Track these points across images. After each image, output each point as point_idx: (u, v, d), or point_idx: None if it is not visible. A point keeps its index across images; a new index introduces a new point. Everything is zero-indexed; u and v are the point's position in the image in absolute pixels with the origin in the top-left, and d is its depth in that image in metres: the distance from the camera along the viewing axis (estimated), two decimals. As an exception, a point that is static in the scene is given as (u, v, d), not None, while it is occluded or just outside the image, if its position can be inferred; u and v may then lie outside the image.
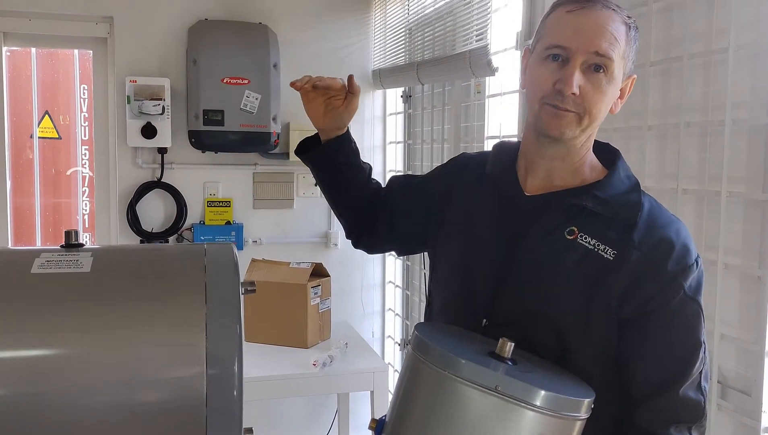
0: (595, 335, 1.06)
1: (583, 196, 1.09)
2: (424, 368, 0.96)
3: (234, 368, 0.98)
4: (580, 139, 1.10)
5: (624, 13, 1.09)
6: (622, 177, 1.12)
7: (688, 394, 1.03)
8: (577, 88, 1.04)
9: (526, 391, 0.88)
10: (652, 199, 1.11)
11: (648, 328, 1.04)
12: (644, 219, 1.06)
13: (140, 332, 0.97)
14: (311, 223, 3.36)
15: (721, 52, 1.38)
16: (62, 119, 3.38)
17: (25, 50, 3.22)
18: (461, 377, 0.90)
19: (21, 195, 3.29)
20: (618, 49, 1.05)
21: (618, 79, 1.08)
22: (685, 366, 1.03)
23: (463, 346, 1.00)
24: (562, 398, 0.90)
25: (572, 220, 1.08)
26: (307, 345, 2.70)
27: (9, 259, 1.06)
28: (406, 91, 3.28)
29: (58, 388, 0.92)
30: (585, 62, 1.05)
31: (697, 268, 1.05)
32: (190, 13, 3.07)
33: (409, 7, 2.93)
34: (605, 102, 1.08)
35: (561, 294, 1.06)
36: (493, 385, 0.88)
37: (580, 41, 1.04)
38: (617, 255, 1.04)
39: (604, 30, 1.05)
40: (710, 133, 1.43)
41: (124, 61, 3.05)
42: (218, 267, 1.06)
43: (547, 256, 1.08)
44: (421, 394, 0.98)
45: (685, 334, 1.04)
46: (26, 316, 0.94)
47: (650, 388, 1.04)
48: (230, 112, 2.97)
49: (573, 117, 1.07)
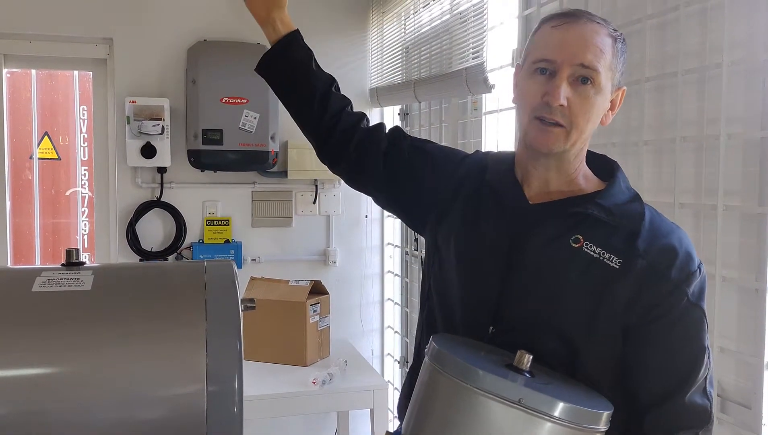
0: (602, 343, 1.06)
1: (586, 204, 1.09)
2: (443, 380, 0.96)
3: (234, 385, 0.98)
4: (571, 152, 1.12)
5: (610, 26, 1.10)
6: (623, 187, 1.14)
7: (694, 400, 1.04)
8: (564, 100, 1.06)
9: (549, 404, 0.89)
10: (653, 209, 1.12)
11: (653, 335, 1.04)
12: (647, 228, 1.07)
13: (141, 350, 0.98)
14: (310, 241, 3.37)
15: (715, 67, 1.40)
16: (62, 140, 3.39)
17: (25, 72, 3.24)
18: (482, 389, 0.90)
19: (20, 215, 3.30)
20: (604, 61, 1.07)
21: (606, 90, 1.09)
22: (691, 372, 1.04)
23: (480, 357, 1.00)
24: (583, 410, 0.91)
25: (577, 228, 1.09)
26: (307, 363, 2.69)
27: (10, 278, 1.06)
28: (403, 109, 3.30)
29: (59, 406, 0.92)
30: (572, 75, 1.06)
31: (700, 274, 1.06)
32: (189, 34, 3.10)
33: (406, 26, 2.96)
34: (593, 113, 1.09)
35: (567, 302, 1.07)
36: (516, 397, 0.88)
37: (566, 54, 1.06)
38: (622, 263, 1.04)
39: (589, 42, 1.07)
40: (706, 148, 1.44)
41: (123, 82, 3.07)
42: (218, 284, 1.07)
43: (552, 263, 1.09)
44: (439, 406, 0.97)
45: (690, 340, 1.05)
46: (27, 335, 0.95)
47: (657, 394, 1.05)
48: (229, 132, 2.99)
49: (560, 132, 1.08)
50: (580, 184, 1.15)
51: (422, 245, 3.03)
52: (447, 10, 2.55)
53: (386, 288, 3.48)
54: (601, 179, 1.17)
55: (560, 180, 1.15)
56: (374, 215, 3.48)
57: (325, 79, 1.42)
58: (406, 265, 3.32)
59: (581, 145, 1.13)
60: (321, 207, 3.36)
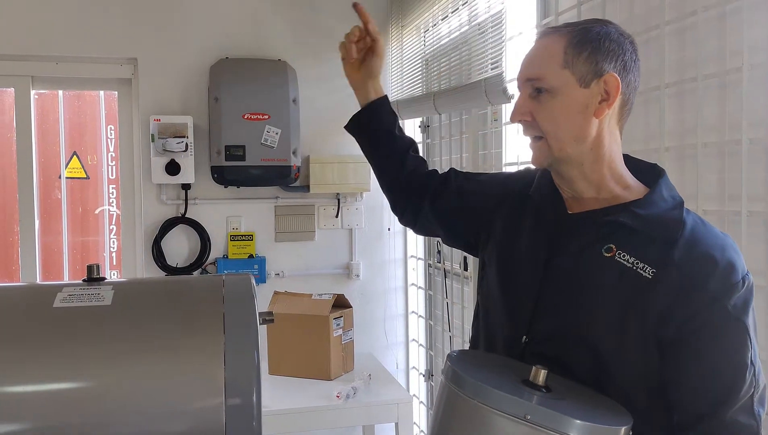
0: (633, 356, 1.03)
1: (621, 212, 1.08)
2: (456, 398, 0.97)
3: (253, 398, 0.98)
4: (572, 159, 1.11)
5: (568, 27, 1.12)
6: (665, 195, 1.10)
7: (737, 419, 0.99)
8: (522, 115, 1.12)
9: (557, 420, 0.88)
10: (697, 217, 1.09)
11: (690, 350, 1.00)
12: (686, 237, 1.03)
13: (160, 364, 0.98)
14: (333, 255, 3.37)
15: (735, 72, 1.38)
16: (90, 159, 3.45)
17: (53, 93, 3.31)
18: (492, 406, 0.91)
19: (49, 234, 3.36)
20: (552, 64, 1.09)
21: (565, 88, 1.08)
22: (732, 389, 0.99)
23: (496, 374, 1.00)
24: (594, 427, 0.89)
25: (610, 237, 1.07)
26: (331, 377, 2.69)
27: (32, 294, 1.08)
28: (424, 122, 3.30)
29: (79, 420, 0.93)
30: (529, 90, 1.12)
31: (743, 286, 1.00)
32: (211, 52, 3.14)
33: (425, 39, 2.97)
34: (557, 116, 1.09)
35: (597, 312, 1.05)
36: (522, 414, 0.89)
37: (520, 75, 1.14)
38: (656, 274, 1.01)
39: (533, 57, 1.13)
40: (728, 153, 1.42)
41: (148, 101, 3.12)
42: (236, 297, 1.07)
43: (583, 272, 1.08)
44: (455, 424, 0.98)
45: (730, 355, 1.00)
46: (48, 350, 0.96)
47: (696, 413, 1.01)
48: (251, 147, 3.02)
49: (542, 144, 1.12)
50: (615, 191, 1.12)
51: (445, 258, 3.02)
52: (465, 22, 2.55)
53: (410, 301, 3.47)
54: (646, 186, 1.14)
55: (590, 188, 1.13)
56: (397, 228, 3.48)
57: (405, 142, 1.52)
58: (430, 277, 3.31)
59: (580, 149, 1.10)
60: (343, 220, 3.37)
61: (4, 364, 0.94)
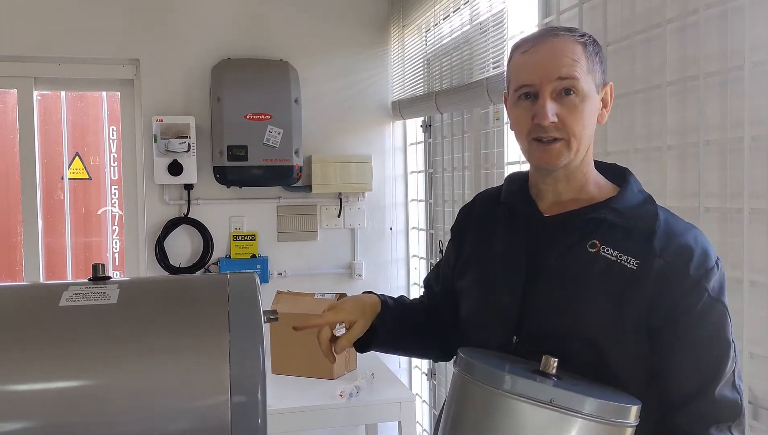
0: (627, 345, 1.07)
1: (600, 210, 1.12)
2: (474, 388, 0.98)
3: (258, 396, 0.99)
4: (576, 160, 1.14)
5: (576, 33, 1.14)
6: (635, 191, 1.16)
7: (724, 394, 1.05)
8: (554, 117, 1.09)
9: (579, 401, 0.91)
10: (666, 210, 1.14)
11: (678, 333, 1.05)
12: (662, 228, 1.09)
13: (166, 362, 0.99)
14: (335, 255, 3.38)
15: (737, 69, 1.38)
16: (92, 160, 3.46)
17: (55, 94, 3.32)
18: (514, 393, 0.93)
19: (52, 235, 3.37)
20: (580, 68, 1.10)
21: (591, 93, 1.12)
22: (719, 366, 1.05)
23: (507, 365, 1.02)
24: (612, 405, 0.93)
25: (592, 234, 1.11)
26: (334, 376, 2.70)
27: (38, 293, 1.09)
28: (425, 121, 3.31)
29: (85, 419, 0.94)
30: (554, 90, 1.10)
31: (718, 269, 1.07)
32: (213, 53, 3.15)
33: (427, 39, 2.98)
34: (586, 119, 1.12)
35: (590, 306, 1.08)
36: (547, 398, 0.91)
37: (543, 74, 1.11)
38: (640, 264, 1.06)
39: (560, 55, 1.11)
40: (730, 151, 1.42)
41: (150, 101, 3.13)
42: (241, 296, 1.08)
43: (572, 270, 1.11)
44: (471, 414, 0.99)
45: (715, 335, 1.06)
46: (54, 349, 0.96)
47: (688, 391, 1.05)
48: (253, 148, 3.03)
49: (561, 145, 1.12)
50: (592, 192, 1.17)
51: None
52: (467, 21, 2.56)
53: (412, 300, 3.46)
54: (617, 185, 1.20)
55: (571, 190, 1.17)
56: (399, 228, 3.48)
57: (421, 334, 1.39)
58: (432, 276, 3.31)
59: (585, 152, 1.15)
60: (345, 220, 3.37)
61: (11, 363, 0.94)
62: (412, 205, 3.47)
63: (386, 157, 3.43)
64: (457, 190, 2.91)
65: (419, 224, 3.43)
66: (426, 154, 3.35)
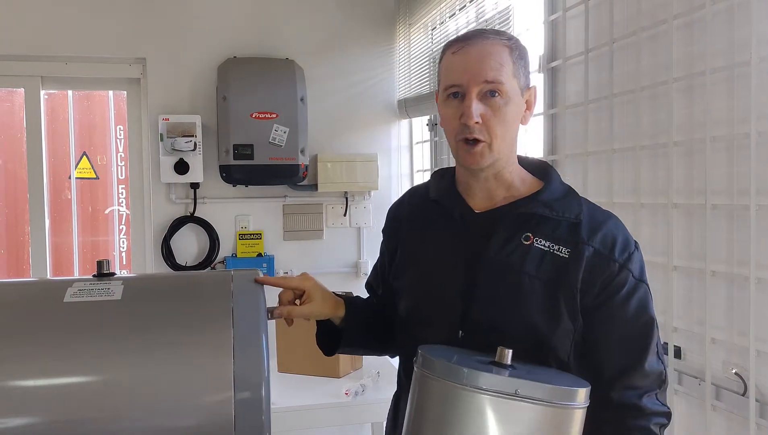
0: (566, 329, 1.14)
1: (530, 204, 1.19)
2: (434, 384, 1.01)
3: (261, 392, 0.99)
4: (501, 160, 1.19)
5: (504, 37, 1.19)
6: (558, 184, 1.24)
7: (653, 366, 1.14)
8: (478, 117, 1.15)
9: (536, 389, 0.96)
10: (585, 199, 1.23)
11: (608, 313, 1.14)
12: (586, 218, 1.17)
13: (169, 358, 0.99)
14: (341, 253, 3.38)
15: (744, 65, 1.37)
16: (99, 159, 3.47)
17: (62, 93, 3.33)
18: (473, 386, 0.97)
19: (60, 234, 3.38)
20: (506, 71, 1.16)
21: (515, 96, 1.17)
22: (647, 341, 1.14)
23: (465, 359, 1.06)
24: (563, 389, 0.99)
25: (525, 227, 1.18)
26: (339, 374, 2.70)
27: (43, 289, 1.09)
28: (431, 119, 3.30)
29: (89, 415, 0.94)
30: (480, 92, 1.15)
31: (638, 252, 1.17)
32: (219, 52, 3.15)
33: (433, 37, 2.97)
34: (508, 121, 1.17)
35: (528, 295, 1.15)
36: (512, 389, 0.96)
37: (470, 75, 1.15)
38: (571, 252, 1.14)
39: (487, 59, 1.15)
40: (737, 147, 1.41)
41: (156, 100, 3.14)
42: (244, 292, 1.08)
43: (510, 262, 1.17)
44: (433, 409, 1.02)
45: (641, 312, 1.15)
46: (58, 344, 0.97)
47: (620, 366, 1.14)
48: (259, 146, 3.03)
49: (483, 147, 1.17)
50: (518, 187, 1.23)
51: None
52: (473, 19, 2.55)
53: (418, 299, 3.46)
54: (540, 179, 1.26)
55: (500, 187, 1.23)
56: (405, 226, 3.47)
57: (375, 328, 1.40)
58: (438, 275, 3.31)
59: (509, 152, 1.21)
60: (351, 219, 3.37)
61: (15, 359, 0.95)
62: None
63: (392, 155, 3.43)
64: (463, 189, 2.90)
65: (425, 223, 3.42)
66: (432, 152, 3.35)
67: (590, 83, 1.87)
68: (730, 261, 1.44)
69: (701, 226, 1.50)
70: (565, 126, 1.98)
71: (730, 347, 1.45)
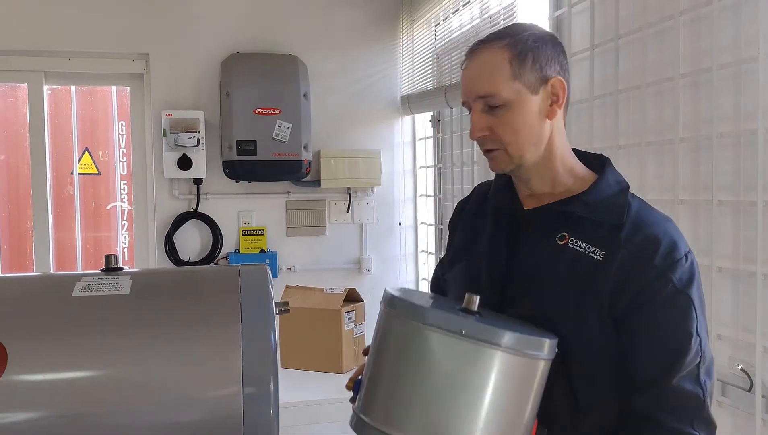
0: (592, 334, 1.09)
1: (572, 203, 1.15)
2: (395, 321, 1.03)
3: (270, 387, 0.99)
4: (529, 160, 1.16)
5: (505, 40, 1.15)
6: (611, 182, 1.17)
7: (683, 386, 1.05)
8: (482, 131, 1.15)
9: (492, 333, 0.96)
10: (642, 201, 1.17)
11: (640, 321, 1.07)
12: (631, 219, 1.11)
13: (178, 353, 0.99)
14: (344, 250, 3.38)
15: (751, 61, 1.37)
16: (101, 155, 3.46)
17: (65, 88, 3.33)
18: (430, 324, 0.97)
19: (62, 230, 3.38)
20: (501, 78, 1.12)
21: (520, 97, 1.13)
22: (678, 356, 1.05)
23: (430, 302, 1.08)
24: (523, 337, 0.98)
25: (563, 227, 1.14)
26: (342, 370, 2.70)
27: (51, 283, 1.09)
28: (434, 116, 3.30)
29: (98, 409, 0.94)
30: (481, 106, 1.14)
31: (686, 262, 1.08)
32: (223, 47, 3.15)
33: (436, 33, 2.97)
34: (518, 126, 1.14)
35: (555, 297, 1.12)
36: (459, 329, 0.95)
37: (469, 92, 1.17)
38: (606, 255, 1.09)
39: (478, 73, 1.15)
40: (743, 143, 1.41)
41: (159, 96, 3.13)
42: (252, 287, 1.08)
43: (542, 262, 1.14)
44: (393, 345, 1.04)
45: (676, 325, 1.06)
46: (67, 339, 0.97)
47: (646, 379, 1.07)
48: (263, 142, 3.03)
49: (499, 153, 1.16)
50: (567, 183, 1.19)
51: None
52: (477, 15, 2.55)
53: (421, 295, 3.46)
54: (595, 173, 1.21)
55: (544, 184, 1.20)
56: (408, 223, 3.48)
57: None
58: (441, 271, 3.31)
59: (537, 151, 1.16)
60: (354, 215, 3.37)
61: (25, 353, 0.95)
62: (421, 201, 3.47)
63: (395, 152, 3.43)
64: (466, 185, 2.90)
65: (428, 219, 3.43)
66: (435, 149, 3.35)
67: (596, 79, 1.87)
68: (736, 257, 1.44)
69: (707, 222, 1.50)
70: (570, 122, 1.97)
71: (735, 343, 1.45)
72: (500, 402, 0.97)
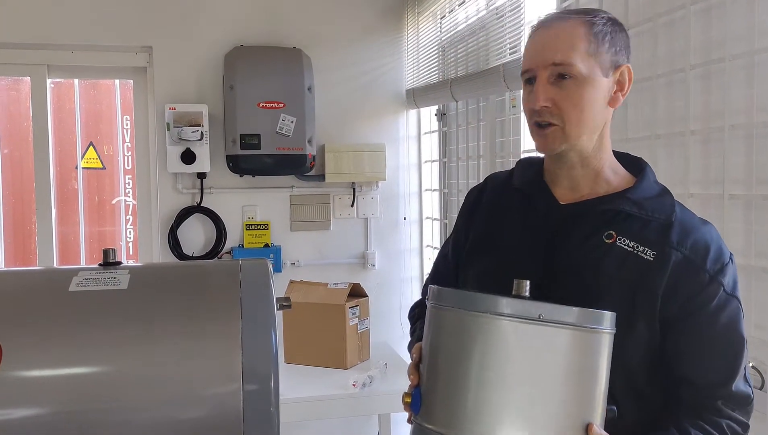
0: (640, 336, 1.08)
1: (617, 200, 1.12)
2: (449, 314, 1.01)
3: (270, 384, 0.97)
4: (582, 145, 1.13)
5: (588, 15, 1.12)
6: (652, 182, 1.16)
7: (740, 388, 1.07)
8: (546, 101, 1.09)
9: (566, 313, 0.95)
10: (680, 203, 1.15)
11: (694, 327, 1.07)
12: (678, 220, 1.10)
13: (177, 349, 0.97)
14: (348, 244, 3.36)
15: (764, 51, 1.34)
16: (106, 149, 3.45)
17: (69, 82, 3.31)
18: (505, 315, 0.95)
19: (66, 224, 3.37)
20: (578, 51, 1.09)
21: (593, 76, 1.10)
22: (736, 363, 1.07)
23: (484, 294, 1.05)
24: (592, 312, 0.97)
25: (609, 225, 1.11)
26: (347, 366, 2.68)
27: (48, 278, 1.07)
28: (440, 110, 3.27)
29: (96, 406, 0.92)
30: (551, 75, 1.10)
31: (732, 265, 1.09)
32: (226, 40, 3.13)
33: (442, 25, 2.94)
34: (584, 104, 1.10)
35: (605, 296, 1.08)
36: (536, 314, 0.94)
37: (539, 59, 1.11)
38: (657, 256, 1.07)
39: (556, 40, 1.10)
40: (756, 136, 1.38)
41: (163, 89, 3.11)
42: (253, 282, 1.06)
43: (587, 261, 1.11)
44: (447, 339, 1.01)
45: (731, 330, 1.07)
46: (63, 335, 0.95)
47: (707, 386, 1.07)
48: (266, 136, 3.01)
49: (555, 130, 1.11)
50: (608, 180, 1.16)
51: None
52: (483, 7, 2.52)
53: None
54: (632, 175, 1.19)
55: (586, 176, 1.16)
56: (413, 217, 3.45)
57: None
58: (446, 266, 3.28)
59: (590, 136, 1.13)
60: (359, 210, 3.35)
61: (20, 349, 0.93)
62: (426, 195, 3.45)
63: (400, 146, 3.40)
64: (471, 180, 2.88)
65: (433, 214, 3.40)
66: (440, 143, 3.32)
67: (604, 71, 1.83)
68: (747, 252, 1.41)
69: (719, 216, 1.46)
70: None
71: (748, 340, 1.42)
72: (579, 379, 0.97)
